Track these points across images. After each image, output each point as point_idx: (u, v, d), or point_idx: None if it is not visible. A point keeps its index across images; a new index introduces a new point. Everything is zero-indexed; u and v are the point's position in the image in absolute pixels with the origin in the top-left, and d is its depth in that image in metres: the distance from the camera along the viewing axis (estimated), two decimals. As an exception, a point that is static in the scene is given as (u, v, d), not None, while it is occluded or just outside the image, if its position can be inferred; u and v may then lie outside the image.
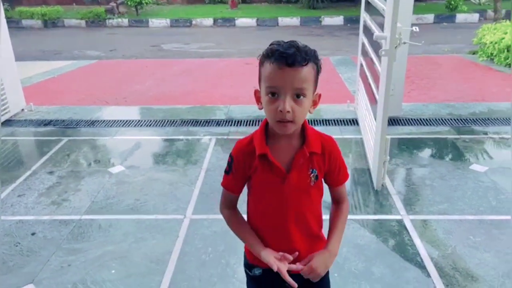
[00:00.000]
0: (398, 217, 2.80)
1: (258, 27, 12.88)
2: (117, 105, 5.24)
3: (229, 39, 10.77)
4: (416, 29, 2.94)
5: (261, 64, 1.25)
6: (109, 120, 4.64)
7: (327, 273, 1.43)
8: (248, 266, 1.47)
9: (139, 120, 4.63)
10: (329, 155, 1.33)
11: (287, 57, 1.16)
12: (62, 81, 6.48)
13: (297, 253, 1.31)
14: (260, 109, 1.30)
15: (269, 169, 1.30)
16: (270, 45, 1.25)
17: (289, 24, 12.95)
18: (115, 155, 3.85)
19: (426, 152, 3.77)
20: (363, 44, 4.16)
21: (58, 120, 4.66)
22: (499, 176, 3.26)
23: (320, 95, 1.30)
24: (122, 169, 3.57)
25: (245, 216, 1.45)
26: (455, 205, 2.91)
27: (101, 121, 4.63)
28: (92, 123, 4.58)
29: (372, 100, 3.57)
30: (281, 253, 1.30)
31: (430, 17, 12.66)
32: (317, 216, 1.40)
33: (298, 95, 1.19)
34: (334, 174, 1.37)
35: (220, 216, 2.91)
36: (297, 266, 1.29)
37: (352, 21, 12.39)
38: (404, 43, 2.73)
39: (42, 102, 5.24)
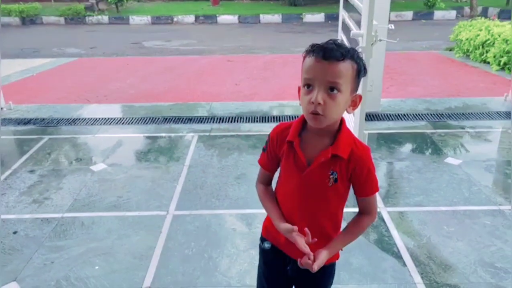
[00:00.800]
0: (376, 209, 2.89)
1: (240, 24, 12.90)
2: (98, 103, 5.22)
3: (211, 36, 10.77)
4: (391, 26, 3.02)
5: (304, 58, 1.26)
6: (90, 118, 4.62)
7: (330, 272, 1.47)
8: (262, 238, 1.52)
9: (120, 118, 4.62)
10: (354, 164, 1.29)
11: (324, 50, 1.18)
12: (42, 79, 6.40)
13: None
14: (301, 105, 1.30)
15: (293, 158, 1.33)
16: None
17: (270, 21, 13.01)
18: (96, 153, 3.85)
19: (404, 147, 3.87)
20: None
21: (38, 119, 4.62)
22: (473, 169, 3.38)
23: (361, 97, 1.29)
24: (104, 167, 3.57)
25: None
26: (430, 197, 3.02)
27: (82, 119, 4.61)
28: (73, 121, 4.56)
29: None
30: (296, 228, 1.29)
31: (409, 14, 12.87)
32: (332, 220, 1.38)
33: (332, 89, 1.19)
34: (359, 184, 1.33)
35: (202, 212, 2.98)
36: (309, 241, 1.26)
37: (333, 18, 12.53)
38: (380, 40, 2.81)
39: (21, 100, 5.19)
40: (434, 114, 4.48)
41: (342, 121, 1.31)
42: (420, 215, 2.83)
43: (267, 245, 1.48)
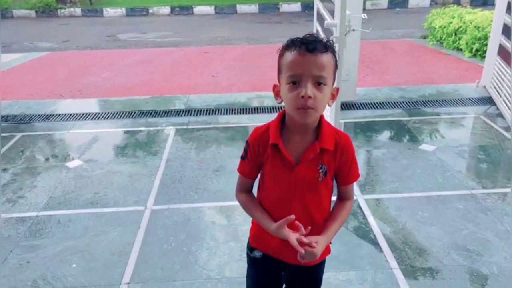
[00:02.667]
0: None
1: (217, 15, 12.78)
2: (72, 98, 5.12)
3: (187, 28, 10.64)
4: (364, 16, 3.04)
5: (280, 56, 1.25)
6: (65, 114, 4.53)
7: (323, 267, 1.49)
8: (250, 248, 1.50)
9: (96, 113, 4.54)
10: (341, 153, 1.31)
11: (308, 43, 1.18)
12: (12, 75, 6.23)
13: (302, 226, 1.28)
14: (280, 103, 1.30)
15: (279, 159, 1.31)
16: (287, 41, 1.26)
17: (247, 12, 12.93)
18: (72, 150, 3.78)
19: (380, 135, 3.93)
20: (317, 32, 4.25)
21: (10, 116, 4.50)
22: (446, 155, 3.46)
23: (338, 89, 1.30)
24: (80, 163, 3.51)
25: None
26: (405, 184, 3.08)
27: (56, 115, 4.51)
28: (47, 117, 4.46)
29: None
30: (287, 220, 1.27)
31: (384, 3, 12.97)
32: (323, 211, 1.38)
33: (319, 83, 1.19)
34: (344, 173, 1.35)
35: (181, 206, 2.97)
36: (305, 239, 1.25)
37: (310, 8, 12.47)
38: (353, 30, 2.83)
39: (-9, 97, 5.04)
40: (408, 102, 4.55)
41: (321, 115, 1.32)
42: (396, 201, 2.89)
43: (257, 254, 1.47)
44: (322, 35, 3.85)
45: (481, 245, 2.44)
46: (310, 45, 1.18)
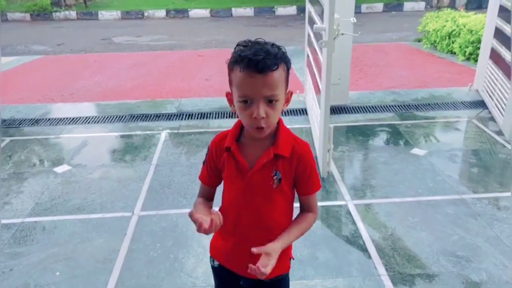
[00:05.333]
0: (343, 202, 2.90)
1: (212, 18, 12.76)
2: (63, 102, 5.07)
3: (182, 31, 10.61)
4: (353, 20, 3.02)
5: (230, 69, 1.22)
6: (55, 118, 4.49)
7: (284, 284, 1.43)
8: (210, 257, 1.48)
9: (86, 117, 4.50)
10: (297, 161, 1.28)
11: (257, 64, 1.13)
12: (4, 79, 6.17)
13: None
14: (234, 111, 1.27)
15: (234, 164, 1.30)
16: (237, 46, 1.21)
17: (243, 15, 12.92)
18: (60, 154, 3.74)
19: (371, 139, 3.91)
20: (309, 35, 4.23)
21: None
22: (437, 159, 3.43)
23: (291, 92, 1.28)
24: (68, 168, 3.48)
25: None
26: (396, 189, 3.05)
27: (46, 119, 4.47)
28: (36, 121, 4.42)
29: (317, 90, 3.66)
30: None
31: (379, 6, 12.98)
32: (282, 227, 1.31)
33: (271, 101, 1.18)
34: (303, 182, 1.31)
35: (169, 211, 2.94)
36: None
37: (305, 11, 12.53)
38: (342, 34, 2.81)
39: (-18, 101, 4.99)
40: (401, 106, 4.53)
41: (279, 120, 1.30)
42: (386, 206, 2.86)
43: (215, 263, 1.45)
44: (313, 39, 3.83)
45: (471, 251, 2.42)
46: (260, 65, 1.13)
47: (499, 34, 4.11)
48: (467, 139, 3.79)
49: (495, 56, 4.20)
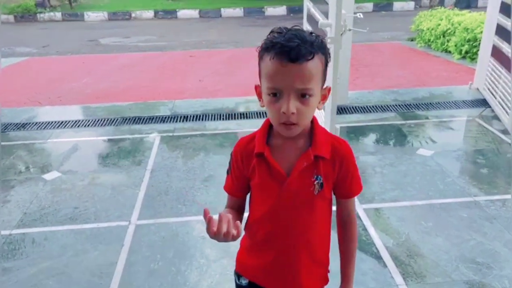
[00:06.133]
0: (351, 207, 2.76)
1: (201, 19, 12.58)
2: (51, 105, 4.85)
3: (171, 32, 10.41)
4: (360, 15, 2.90)
5: (260, 57, 1.07)
6: (42, 122, 4.27)
7: None
8: (236, 274, 1.32)
9: (76, 121, 4.30)
10: (340, 162, 1.14)
11: (289, 51, 0.99)
12: (-12, 82, 5.93)
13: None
14: (262, 106, 1.12)
15: (267, 171, 1.14)
16: (270, 33, 1.06)
17: (232, 15, 12.76)
18: (50, 160, 3.54)
19: (375, 139, 3.78)
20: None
21: (-17, 125, 4.23)
22: (444, 159, 3.32)
23: (329, 89, 1.14)
24: (58, 175, 3.28)
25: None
26: (405, 191, 2.92)
27: (33, 123, 4.25)
28: (23, 126, 4.20)
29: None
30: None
31: (369, 6, 12.96)
32: (323, 236, 1.20)
33: (303, 95, 1.04)
34: (345, 184, 1.17)
35: (168, 220, 2.77)
36: None
37: (295, 11, 12.43)
38: (349, 30, 2.68)
39: (-36, 105, 4.75)
40: (402, 105, 4.42)
41: (313, 118, 1.15)
42: (397, 211, 2.73)
43: (243, 281, 1.28)
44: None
45: (490, 257, 2.30)
46: (293, 53, 0.99)
47: (501, 31, 4.02)
48: (472, 138, 3.69)
49: (497, 53, 4.11)
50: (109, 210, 2.82)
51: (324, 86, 1.11)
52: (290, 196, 1.13)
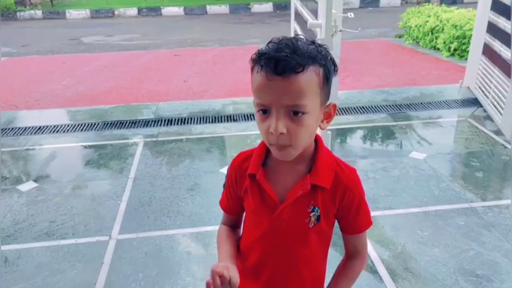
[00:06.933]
0: (344, 216, 2.64)
1: (186, 16, 12.37)
2: (28, 109, 4.64)
3: (155, 30, 10.19)
4: (351, 15, 2.77)
5: (251, 69, 0.95)
6: (18, 128, 4.06)
7: None
8: None
9: (54, 126, 4.10)
10: (343, 193, 1.01)
11: (276, 63, 0.87)
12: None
13: None
14: None
15: (259, 194, 1.03)
16: (269, 42, 0.94)
17: (218, 12, 12.58)
18: (26, 170, 3.35)
19: (366, 142, 3.67)
20: (296, 32, 3.96)
21: (-44, 131, 4.01)
22: (438, 163, 3.22)
23: (335, 106, 1.01)
24: (35, 186, 3.09)
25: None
26: (399, 198, 2.81)
27: (8, 129, 4.04)
28: (-2, 132, 3.99)
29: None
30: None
31: (356, 2, 12.88)
32: (314, 271, 1.08)
33: (296, 112, 0.90)
34: (350, 219, 1.05)
35: (151, 233, 2.62)
36: None
37: (282, 8, 12.30)
38: (340, 31, 2.54)
39: None
40: (392, 106, 4.32)
41: (317, 139, 1.02)
42: (392, 219, 2.61)
43: None
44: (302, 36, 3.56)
45: (490, 268, 2.19)
46: (280, 65, 0.87)
47: (492, 29, 3.94)
48: (465, 140, 3.60)
49: (489, 52, 4.03)
50: (89, 223, 2.66)
51: (328, 103, 0.98)
52: (281, 226, 1.01)
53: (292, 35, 4.13)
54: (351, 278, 1.09)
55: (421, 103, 4.34)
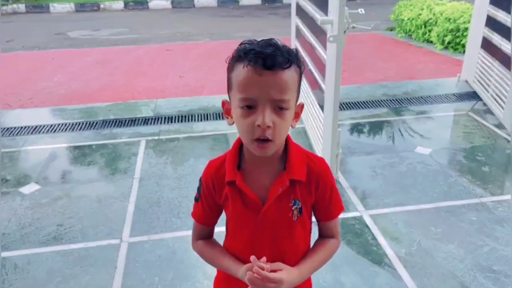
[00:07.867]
0: (357, 214, 2.64)
1: (174, 9, 12.18)
2: (22, 107, 4.51)
3: (143, 24, 10.02)
4: (362, 11, 2.74)
5: (230, 69, 1.00)
6: (14, 128, 3.94)
7: None
8: None
9: (51, 125, 3.99)
10: (316, 183, 1.07)
11: (265, 58, 0.92)
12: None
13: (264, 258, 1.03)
14: (231, 124, 1.04)
15: (240, 199, 1.06)
16: (241, 44, 0.99)
17: (206, 5, 12.41)
18: (26, 171, 3.25)
19: (370, 138, 3.67)
20: (297, 28, 3.92)
21: None
22: (443, 158, 3.24)
23: (303, 106, 1.06)
24: (37, 188, 3.01)
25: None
26: (409, 194, 2.82)
27: (4, 129, 3.91)
28: (-8, 132, 3.87)
29: (314, 85, 3.37)
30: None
31: (344, -5, 12.85)
32: (300, 258, 1.13)
33: (280, 107, 0.96)
34: (324, 206, 1.12)
35: (163, 235, 2.57)
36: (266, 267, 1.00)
37: (270, 1, 12.21)
38: (353, 27, 2.52)
39: None
40: (393, 100, 4.33)
41: (287, 137, 1.06)
42: (404, 216, 2.62)
43: None
44: (306, 32, 3.52)
45: (506, 264, 2.22)
46: (269, 60, 0.93)
47: (492, 22, 3.96)
48: (468, 134, 3.62)
49: (488, 45, 4.05)
50: (97, 226, 2.60)
51: (298, 103, 1.03)
52: (268, 226, 1.07)
53: (294, 30, 4.10)
54: (328, 250, 1.14)
55: (421, 97, 4.36)
